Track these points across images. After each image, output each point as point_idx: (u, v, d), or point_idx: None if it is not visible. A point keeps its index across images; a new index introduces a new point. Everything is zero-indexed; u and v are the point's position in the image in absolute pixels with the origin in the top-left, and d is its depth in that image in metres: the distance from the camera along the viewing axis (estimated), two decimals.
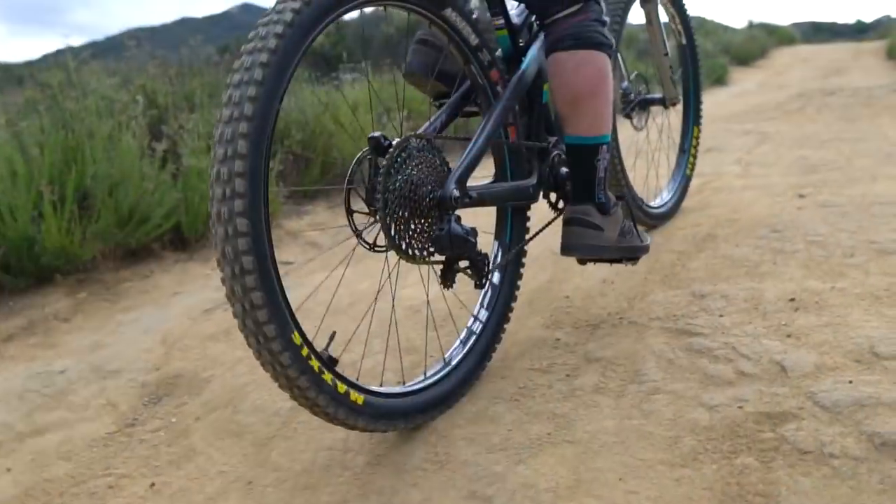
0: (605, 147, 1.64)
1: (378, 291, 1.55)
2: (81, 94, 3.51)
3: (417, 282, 1.92)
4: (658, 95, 2.50)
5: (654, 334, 1.68)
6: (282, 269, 1.19)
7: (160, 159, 3.07)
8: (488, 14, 1.62)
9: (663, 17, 2.54)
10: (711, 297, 1.82)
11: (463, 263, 1.44)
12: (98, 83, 3.29)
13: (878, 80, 6.90)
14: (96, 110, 3.33)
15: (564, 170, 1.74)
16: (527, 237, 1.75)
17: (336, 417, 1.26)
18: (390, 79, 5.77)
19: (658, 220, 2.52)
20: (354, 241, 1.37)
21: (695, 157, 2.81)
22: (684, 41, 2.74)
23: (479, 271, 1.45)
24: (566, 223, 1.67)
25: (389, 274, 1.44)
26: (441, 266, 1.44)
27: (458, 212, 1.41)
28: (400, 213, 1.28)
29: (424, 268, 1.44)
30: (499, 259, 1.72)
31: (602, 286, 2.06)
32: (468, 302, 1.72)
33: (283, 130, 4.04)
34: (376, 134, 1.31)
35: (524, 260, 1.77)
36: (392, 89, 5.51)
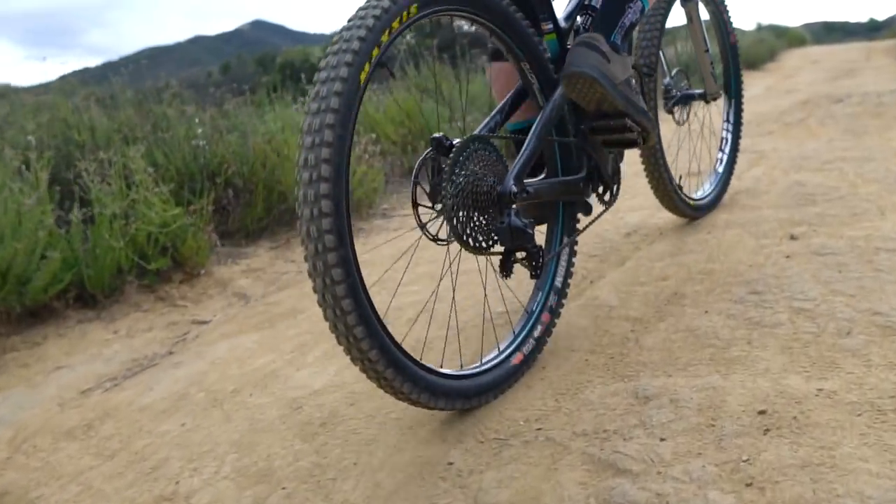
0: (640, 3, 1.72)
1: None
2: None
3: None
4: (699, 91, 2.52)
5: (570, 464, 1.23)
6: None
7: (40, 211, 2.65)
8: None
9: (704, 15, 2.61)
10: (658, 400, 1.36)
11: (520, 255, 1.49)
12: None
13: (890, 84, 6.35)
14: None
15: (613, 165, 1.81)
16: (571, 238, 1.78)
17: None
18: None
19: None
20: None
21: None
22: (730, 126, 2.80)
23: (534, 262, 1.50)
24: (574, 46, 1.63)
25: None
26: (500, 257, 1.48)
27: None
28: (463, 208, 1.35)
29: None
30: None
31: (528, 375, 1.61)
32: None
33: (219, 166, 3.62)
34: (438, 135, 1.39)
35: None
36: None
